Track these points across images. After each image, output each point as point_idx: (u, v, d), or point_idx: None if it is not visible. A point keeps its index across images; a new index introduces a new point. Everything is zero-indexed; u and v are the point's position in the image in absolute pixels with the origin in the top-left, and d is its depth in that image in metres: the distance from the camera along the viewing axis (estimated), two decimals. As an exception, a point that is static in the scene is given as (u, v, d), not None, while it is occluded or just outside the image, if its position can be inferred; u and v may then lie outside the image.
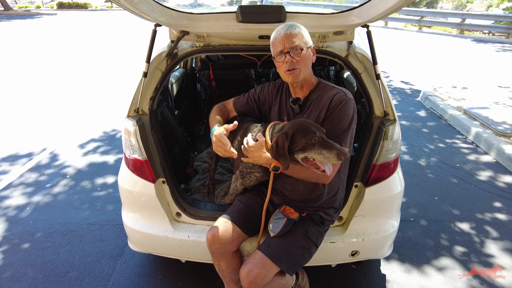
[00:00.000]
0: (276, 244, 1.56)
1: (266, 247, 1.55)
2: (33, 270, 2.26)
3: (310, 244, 1.61)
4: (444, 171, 3.59)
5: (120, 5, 1.36)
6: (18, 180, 3.36)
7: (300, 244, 1.58)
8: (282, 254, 1.53)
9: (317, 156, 1.34)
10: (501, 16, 16.02)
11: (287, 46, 1.45)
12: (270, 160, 1.47)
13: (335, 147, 1.30)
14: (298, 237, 1.59)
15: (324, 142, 1.32)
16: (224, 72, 3.59)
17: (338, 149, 1.30)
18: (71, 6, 23.73)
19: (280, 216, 1.58)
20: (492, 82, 7.00)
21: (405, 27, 17.72)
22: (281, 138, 1.36)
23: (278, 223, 1.57)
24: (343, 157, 1.29)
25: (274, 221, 1.60)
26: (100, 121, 4.91)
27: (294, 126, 1.37)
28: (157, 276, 2.23)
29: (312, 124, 1.37)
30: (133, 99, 1.86)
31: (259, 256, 1.52)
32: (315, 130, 1.34)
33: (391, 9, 1.40)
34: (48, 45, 11.00)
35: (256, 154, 1.49)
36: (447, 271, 2.29)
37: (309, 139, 1.32)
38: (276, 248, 1.54)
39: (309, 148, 1.34)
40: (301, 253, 1.59)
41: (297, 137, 1.34)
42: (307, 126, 1.36)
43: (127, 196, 1.94)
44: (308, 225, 1.63)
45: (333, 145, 1.31)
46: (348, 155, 1.29)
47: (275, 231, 1.56)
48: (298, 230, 1.60)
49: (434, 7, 43.20)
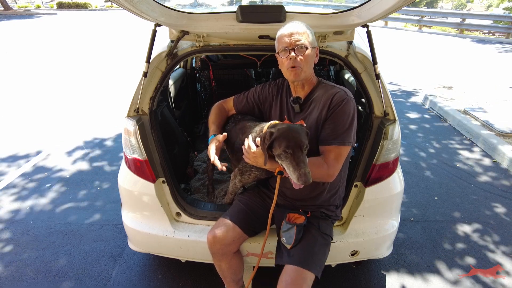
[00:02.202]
0: (299, 252, 1.52)
1: (291, 258, 1.51)
2: (33, 270, 2.26)
3: (327, 238, 1.62)
4: (444, 171, 3.59)
5: (120, 5, 1.36)
6: (17, 180, 3.36)
7: (319, 242, 1.57)
8: (309, 258, 1.50)
9: (286, 169, 1.36)
10: (501, 16, 16.03)
11: (293, 43, 1.45)
12: (274, 165, 1.46)
13: (300, 170, 1.28)
14: (314, 236, 1.58)
15: (295, 159, 1.31)
16: (224, 72, 3.59)
17: (303, 173, 1.28)
18: (71, 6, 23.70)
19: (289, 226, 1.55)
20: (492, 82, 7.00)
21: (405, 27, 17.72)
22: (266, 136, 1.38)
23: (290, 233, 1.54)
24: (302, 182, 1.28)
25: (284, 233, 1.56)
26: (100, 121, 4.91)
27: (282, 131, 1.37)
28: (157, 276, 2.23)
29: (297, 137, 1.33)
30: (133, 99, 1.86)
31: (292, 270, 1.46)
32: (293, 145, 1.31)
33: (391, 9, 1.40)
34: (48, 45, 11.00)
35: (259, 160, 1.46)
36: (447, 271, 2.29)
37: (283, 150, 1.33)
38: (302, 255, 1.51)
39: (282, 158, 1.36)
40: (323, 251, 1.58)
41: (277, 143, 1.35)
42: (292, 137, 1.33)
43: (127, 196, 1.94)
44: (317, 222, 1.63)
45: (300, 167, 1.29)
46: (310, 181, 1.28)
47: (290, 243, 1.53)
48: (311, 230, 1.59)
49: (434, 7, 43.22)
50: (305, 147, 1.34)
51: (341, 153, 1.48)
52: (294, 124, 1.46)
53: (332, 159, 1.47)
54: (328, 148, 1.49)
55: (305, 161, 1.32)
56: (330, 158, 1.47)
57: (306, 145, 1.34)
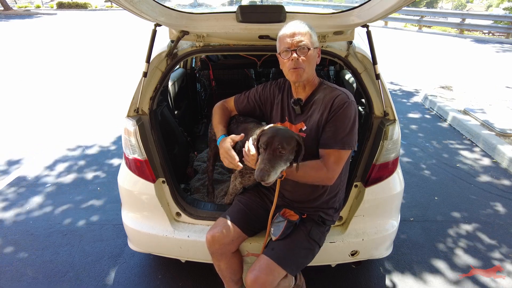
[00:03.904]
0: (280, 247, 1.55)
1: (270, 251, 1.54)
2: (33, 270, 2.26)
3: (314, 244, 1.61)
4: (444, 171, 3.59)
5: (120, 5, 1.36)
6: (17, 180, 3.36)
7: (303, 246, 1.58)
8: (287, 257, 1.53)
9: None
10: (501, 16, 16.04)
11: (295, 44, 1.43)
12: None
13: (261, 165, 1.32)
14: (301, 238, 1.58)
15: (264, 155, 1.34)
16: (224, 72, 3.59)
17: (259, 169, 1.30)
18: (71, 6, 23.69)
19: (281, 219, 1.58)
20: (492, 82, 7.00)
21: (405, 27, 17.72)
22: (258, 133, 1.43)
23: (279, 226, 1.56)
24: (256, 177, 1.31)
25: (275, 224, 1.60)
26: (100, 120, 4.91)
27: (268, 129, 1.41)
28: (157, 276, 2.23)
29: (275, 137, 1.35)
30: (133, 99, 1.86)
31: (265, 261, 1.50)
32: (268, 143, 1.34)
33: (391, 9, 1.40)
34: (48, 45, 11.00)
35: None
36: (447, 271, 2.29)
37: (260, 145, 1.37)
38: (281, 251, 1.53)
39: (260, 153, 1.39)
40: (305, 254, 1.59)
41: (260, 139, 1.39)
42: (271, 136, 1.35)
43: (127, 196, 1.94)
44: (310, 226, 1.62)
45: (263, 163, 1.31)
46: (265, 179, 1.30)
47: (276, 235, 1.56)
48: (300, 232, 1.60)
49: (434, 7, 43.22)
50: (279, 148, 1.32)
51: (341, 157, 1.48)
52: (286, 128, 1.45)
53: (332, 163, 1.46)
54: (328, 151, 1.48)
55: (273, 160, 1.32)
56: (330, 162, 1.46)
57: (282, 147, 1.33)
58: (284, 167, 1.37)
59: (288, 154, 1.35)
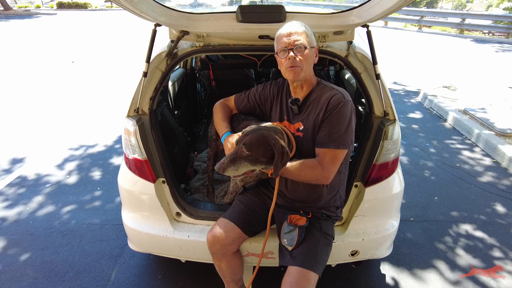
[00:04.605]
0: (301, 253, 1.52)
1: (293, 260, 1.50)
2: (33, 270, 2.26)
3: (329, 238, 1.63)
4: (444, 171, 3.59)
5: (120, 5, 1.36)
6: (17, 179, 3.36)
7: (322, 242, 1.57)
8: (311, 258, 1.50)
9: None
10: (500, 16, 16.03)
11: (291, 43, 1.45)
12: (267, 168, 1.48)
13: (222, 159, 1.42)
14: (317, 237, 1.58)
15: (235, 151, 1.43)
16: (224, 72, 3.59)
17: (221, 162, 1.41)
18: (71, 6, 23.68)
19: (291, 228, 1.54)
20: (492, 82, 7.00)
21: (405, 27, 17.72)
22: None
23: (292, 235, 1.54)
24: (216, 169, 1.41)
25: (286, 235, 1.55)
26: (100, 120, 4.91)
27: (250, 130, 1.47)
28: (157, 276, 2.23)
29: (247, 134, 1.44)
30: (133, 99, 1.86)
31: (294, 271, 1.45)
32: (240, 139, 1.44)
33: (391, 9, 1.40)
34: (48, 45, 10.99)
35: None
36: (447, 271, 2.29)
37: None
38: (304, 256, 1.50)
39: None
40: (325, 250, 1.58)
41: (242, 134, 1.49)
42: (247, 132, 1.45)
43: (127, 196, 1.94)
44: (318, 223, 1.63)
45: (225, 157, 1.42)
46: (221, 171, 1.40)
47: (292, 244, 1.53)
48: (313, 231, 1.59)
49: (434, 7, 43.21)
50: (242, 148, 1.40)
51: (336, 156, 1.48)
52: (269, 132, 1.46)
53: (327, 162, 1.46)
54: (323, 150, 1.48)
55: (234, 158, 1.40)
56: (325, 161, 1.46)
57: (247, 149, 1.39)
58: (251, 167, 1.43)
59: (256, 156, 1.40)
